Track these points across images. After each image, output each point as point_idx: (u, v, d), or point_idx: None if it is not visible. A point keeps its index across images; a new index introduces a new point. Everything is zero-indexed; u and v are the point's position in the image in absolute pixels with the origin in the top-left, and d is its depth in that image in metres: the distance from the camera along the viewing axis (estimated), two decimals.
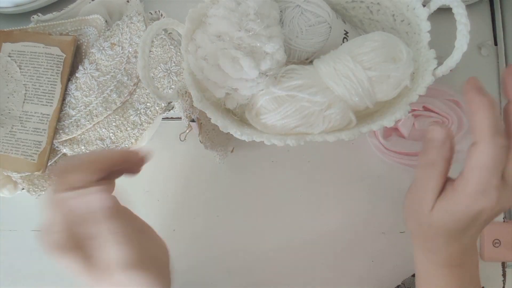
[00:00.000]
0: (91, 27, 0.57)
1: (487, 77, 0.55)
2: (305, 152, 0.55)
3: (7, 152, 0.52)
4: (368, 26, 0.47)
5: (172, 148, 0.56)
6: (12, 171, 0.52)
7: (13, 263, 0.54)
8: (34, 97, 0.54)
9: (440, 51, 0.40)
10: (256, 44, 0.38)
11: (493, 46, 0.56)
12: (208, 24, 0.40)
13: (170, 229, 0.55)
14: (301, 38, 0.42)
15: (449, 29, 0.41)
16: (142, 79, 0.40)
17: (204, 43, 0.39)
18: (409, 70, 0.39)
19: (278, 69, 0.40)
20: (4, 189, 0.53)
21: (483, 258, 0.51)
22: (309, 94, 0.39)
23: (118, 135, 0.54)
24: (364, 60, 0.38)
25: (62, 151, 0.54)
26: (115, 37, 0.55)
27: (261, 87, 0.40)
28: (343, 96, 0.39)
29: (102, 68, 0.55)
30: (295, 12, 0.42)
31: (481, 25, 0.56)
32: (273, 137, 0.40)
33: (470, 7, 0.55)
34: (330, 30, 0.43)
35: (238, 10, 0.38)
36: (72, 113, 0.54)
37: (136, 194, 0.55)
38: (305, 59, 0.44)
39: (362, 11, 0.46)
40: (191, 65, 0.40)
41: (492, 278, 0.51)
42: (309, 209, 0.54)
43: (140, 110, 0.55)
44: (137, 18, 0.55)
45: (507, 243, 0.50)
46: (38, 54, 0.55)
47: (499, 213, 0.35)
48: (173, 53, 0.55)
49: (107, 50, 0.55)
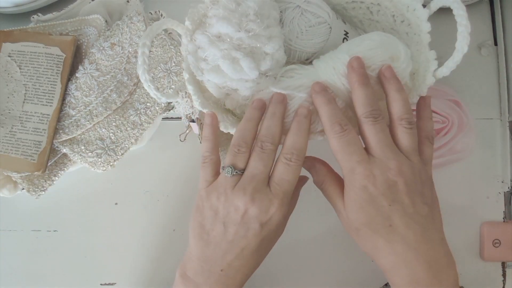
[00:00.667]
0: (91, 27, 0.57)
1: (487, 77, 0.55)
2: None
3: (7, 152, 0.52)
4: (368, 26, 0.47)
5: (172, 148, 0.56)
6: (12, 171, 0.52)
7: (13, 263, 0.55)
8: (34, 97, 0.54)
9: (441, 51, 0.40)
10: (256, 44, 0.38)
11: (493, 46, 0.56)
12: (208, 24, 0.40)
13: (170, 229, 0.55)
14: (301, 38, 0.42)
15: (449, 30, 0.41)
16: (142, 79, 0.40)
17: (204, 44, 0.39)
18: (408, 69, 0.39)
19: (278, 69, 0.40)
20: (4, 189, 0.53)
21: (483, 258, 0.51)
22: (309, 94, 0.39)
23: (118, 135, 0.54)
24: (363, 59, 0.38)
25: (62, 151, 0.54)
26: (115, 37, 0.55)
27: (261, 87, 0.40)
28: (342, 95, 0.39)
29: (102, 68, 0.55)
30: (295, 13, 0.41)
31: (481, 25, 0.56)
32: None
33: (470, 7, 0.54)
34: (330, 30, 0.43)
35: (238, 11, 0.38)
36: (72, 113, 0.54)
37: (136, 194, 0.55)
38: (305, 59, 0.44)
39: (362, 11, 0.46)
40: (191, 65, 0.40)
41: (492, 278, 0.51)
42: (309, 208, 0.54)
43: (140, 110, 0.55)
44: (137, 18, 0.55)
45: (507, 243, 0.51)
46: (38, 54, 0.55)
47: (384, 176, 0.36)
48: (173, 53, 0.55)
49: (107, 50, 0.55)
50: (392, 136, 0.37)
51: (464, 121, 0.52)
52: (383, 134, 0.37)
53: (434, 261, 0.35)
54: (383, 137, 0.36)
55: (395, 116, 0.37)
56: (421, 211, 0.36)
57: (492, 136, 0.54)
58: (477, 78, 0.55)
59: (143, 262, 0.54)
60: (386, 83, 0.38)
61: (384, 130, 0.37)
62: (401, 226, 0.35)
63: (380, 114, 0.37)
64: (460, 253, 0.51)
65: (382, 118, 0.37)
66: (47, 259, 0.54)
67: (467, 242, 0.52)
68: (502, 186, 0.53)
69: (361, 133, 0.38)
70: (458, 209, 0.52)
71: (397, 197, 0.35)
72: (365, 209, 0.36)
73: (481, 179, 0.53)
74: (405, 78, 0.39)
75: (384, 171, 0.35)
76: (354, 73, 0.38)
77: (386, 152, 0.36)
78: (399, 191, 0.35)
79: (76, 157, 0.53)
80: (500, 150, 0.54)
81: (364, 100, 0.37)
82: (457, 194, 0.53)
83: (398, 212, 0.35)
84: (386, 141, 0.36)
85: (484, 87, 0.55)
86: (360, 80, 0.37)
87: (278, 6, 0.42)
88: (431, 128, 0.40)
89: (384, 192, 0.35)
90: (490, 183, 0.53)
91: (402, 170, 0.35)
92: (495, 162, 0.53)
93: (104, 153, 0.53)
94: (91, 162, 0.53)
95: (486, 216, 0.52)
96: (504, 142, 0.53)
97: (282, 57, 0.40)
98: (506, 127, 0.53)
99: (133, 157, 0.55)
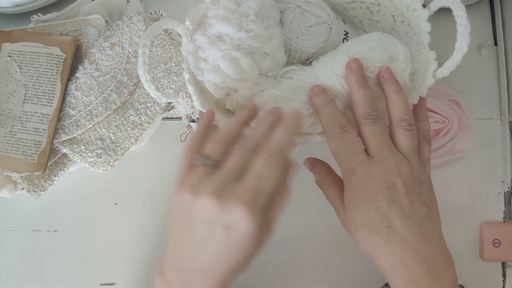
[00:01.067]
0: (91, 27, 0.57)
1: (487, 77, 0.55)
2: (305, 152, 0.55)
3: (7, 152, 0.52)
4: (368, 26, 0.47)
5: (172, 148, 0.56)
6: (12, 171, 0.52)
7: (13, 263, 0.55)
8: (34, 97, 0.54)
9: (441, 51, 0.40)
10: (256, 45, 0.38)
11: (493, 46, 0.56)
12: (208, 25, 0.40)
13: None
14: (301, 39, 0.42)
15: (449, 29, 0.41)
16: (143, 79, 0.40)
17: (204, 44, 0.39)
18: (407, 70, 0.39)
19: (278, 69, 0.40)
20: (4, 189, 0.53)
21: (483, 258, 0.51)
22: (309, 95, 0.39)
23: (118, 135, 0.54)
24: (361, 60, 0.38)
25: (62, 151, 0.54)
26: (115, 37, 0.55)
27: (261, 87, 0.40)
28: (341, 96, 0.39)
29: (102, 68, 0.55)
30: (295, 13, 0.41)
31: (481, 25, 0.56)
32: None
33: (470, 7, 0.54)
34: (330, 30, 0.43)
35: (238, 11, 0.38)
36: (72, 113, 0.54)
37: (136, 194, 0.55)
38: (305, 59, 0.44)
39: (362, 11, 0.46)
40: (191, 65, 0.40)
41: (492, 278, 0.51)
42: (309, 208, 0.54)
43: (140, 110, 0.55)
44: (137, 18, 0.55)
45: (507, 243, 0.50)
46: (38, 54, 0.55)
47: (383, 177, 0.36)
48: (173, 53, 0.55)
49: (107, 50, 0.55)
50: (392, 137, 0.38)
51: (464, 121, 0.52)
52: (382, 135, 0.37)
53: (433, 261, 0.35)
54: (382, 138, 0.37)
55: (395, 118, 0.38)
56: (420, 212, 0.36)
57: (492, 136, 0.54)
58: (477, 78, 0.55)
59: (143, 262, 0.54)
60: (385, 84, 0.38)
61: (383, 131, 0.37)
62: (400, 227, 0.35)
63: (379, 115, 0.37)
64: (460, 253, 0.51)
65: (381, 119, 0.37)
66: (47, 259, 0.54)
67: (467, 242, 0.52)
68: (502, 186, 0.53)
69: (360, 134, 0.38)
70: (458, 209, 0.52)
71: (395, 198, 0.35)
72: (364, 209, 0.36)
73: (481, 179, 0.53)
74: (405, 79, 0.39)
75: (383, 172, 0.35)
76: (353, 75, 0.38)
77: (385, 153, 0.36)
78: (398, 192, 0.35)
79: (76, 157, 0.53)
80: (500, 150, 0.54)
81: (363, 101, 0.37)
82: (457, 194, 0.53)
83: (396, 212, 0.35)
84: (385, 142, 0.37)
85: (484, 87, 0.55)
86: (359, 81, 0.37)
87: (278, 6, 0.42)
88: (428, 129, 0.41)
89: (383, 193, 0.35)
90: (490, 183, 0.53)
91: (401, 171, 0.36)
92: (495, 162, 0.53)
93: (104, 153, 0.53)
94: (91, 162, 0.53)
95: (486, 216, 0.52)
96: (504, 142, 0.53)
97: (282, 58, 0.40)
98: (506, 127, 0.53)
99: (133, 157, 0.55)
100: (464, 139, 0.52)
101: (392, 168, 0.36)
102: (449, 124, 0.52)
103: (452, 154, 0.52)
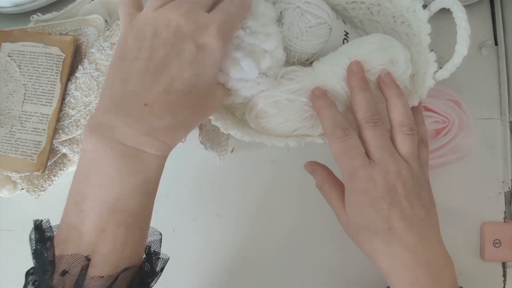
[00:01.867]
0: (91, 27, 0.56)
1: (487, 77, 0.55)
2: (305, 153, 0.55)
3: (6, 152, 0.52)
4: (369, 27, 0.47)
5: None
6: (11, 171, 0.52)
7: (13, 263, 0.54)
8: (33, 97, 0.54)
9: (441, 52, 0.40)
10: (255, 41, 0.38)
11: (493, 46, 0.56)
12: None
13: (170, 229, 0.55)
14: (301, 39, 0.42)
15: (449, 30, 0.41)
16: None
17: None
18: (407, 72, 0.39)
19: (278, 68, 0.40)
20: (3, 189, 0.53)
21: (483, 258, 0.51)
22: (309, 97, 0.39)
23: None
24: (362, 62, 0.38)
25: (61, 151, 0.54)
26: (115, 37, 0.55)
27: (262, 87, 0.39)
28: (342, 98, 0.39)
29: (102, 68, 0.55)
30: (295, 14, 0.41)
31: (481, 25, 0.56)
32: (273, 138, 0.40)
33: (470, 7, 0.54)
34: (330, 31, 0.43)
35: None
36: (71, 113, 0.54)
37: None
38: (305, 60, 0.44)
39: (363, 12, 0.46)
40: None
41: (492, 278, 0.51)
42: (309, 208, 0.54)
43: None
44: None
45: (507, 243, 0.50)
46: (37, 54, 0.55)
47: (383, 180, 0.36)
48: None
49: (106, 50, 0.55)
50: (393, 141, 0.38)
51: (464, 121, 0.52)
52: (383, 138, 0.37)
53: (433, 262, 0.35)
54: (383, 141, 0.37)
55: (396, 122, 0.38)
56: (420, 214, 0.36)
57: (492, 136, 0.54)
58: (477, 78, 0.55)
59: None
60: (386, 89, 0.38)
61: (383, 135, 0.37)
62: (400, 229, 0.35)
63: (379, 118, 0.37)
64: (460, 253, 0.51)
65: (382, 123, 0.37)
66: None
67: (468, 242, 0.52)
68: (503, 186, 0.53)
69: (361, 137, 0.38)
70: (458, 209, 0.52)
71: (396, 201, 0.36)
72: (365, 212, 0.36)
73: (481, 179, 0.53)
74: (405, 81, 0.39)
75: (384, 175, 0.36)
76: (354, 78, 0.38)
77: (385, 156, 0.36)
78: (398, 195, 0.36)
79: (76, 157, 0.53)
80: (500, 150, 0.54)
81: (364, 105, 0.37)
82: (457, 194, 0.53)
83: (397, 215, 0.35)
84: (386, 145, 0.37)
85: (484, 87, 0.55)
86: (360, 85, 0.37)
87: (278, 6, 0.42)
88: (425, 132, 0.41)
89: (384, 195, 0.35)
90: (490, 183, 0.53)
91: (401, 174, 0.36)
92: (496, 162, 0.53)
93: None
94: None
95: (487, 216, 0.52)
96: (504, 142, 0.53)
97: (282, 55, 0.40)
98: (506, 127, 0.53)
99: None
100: (464, 139, 0.52)
101: (393, 171, 0.36)
102: (449, 124, 0.51)
103: (452, 154, 0.52)
